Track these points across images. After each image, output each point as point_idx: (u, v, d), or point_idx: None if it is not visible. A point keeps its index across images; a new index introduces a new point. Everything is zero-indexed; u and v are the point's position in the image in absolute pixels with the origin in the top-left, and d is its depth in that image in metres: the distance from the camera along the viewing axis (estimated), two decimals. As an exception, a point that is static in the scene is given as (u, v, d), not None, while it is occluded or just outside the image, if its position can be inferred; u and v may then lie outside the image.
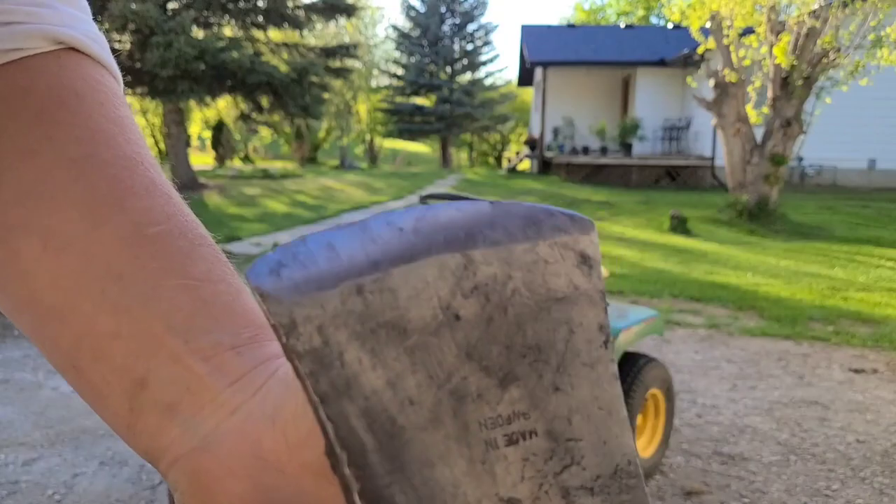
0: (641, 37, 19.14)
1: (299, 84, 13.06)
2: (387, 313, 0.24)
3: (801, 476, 2.74)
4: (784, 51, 9.19)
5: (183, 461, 0.28)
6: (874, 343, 4.55)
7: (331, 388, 0.23)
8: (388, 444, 0.23)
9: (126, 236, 0.30)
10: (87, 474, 2.65)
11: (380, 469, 0.23)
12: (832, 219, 10.61)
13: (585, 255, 0.27)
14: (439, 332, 0.24)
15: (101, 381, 0.29)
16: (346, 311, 0.23)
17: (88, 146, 0.31)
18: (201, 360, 0.29)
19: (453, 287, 0.25)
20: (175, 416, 0.28)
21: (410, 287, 0.24)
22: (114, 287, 0.29)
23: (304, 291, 0.23)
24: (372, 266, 0.24)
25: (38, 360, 3.92)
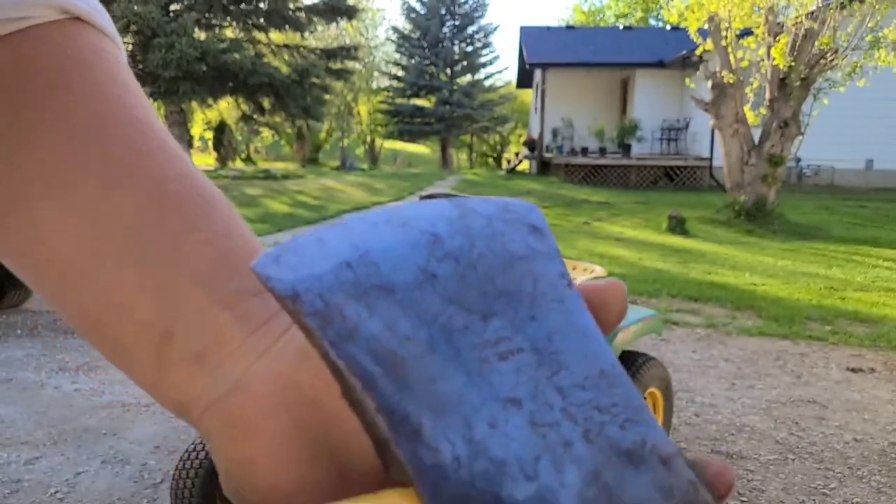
0: (640, 38, 19.17)
1: (300, 85, 13.07)
2: (374, 279, 0.28)
3: (798, 475, 2.76)
4: (782, 52, 9.22)
5: (215, 407, 0.29)
6: (871, 343, 4.57)
7: (337, 337, 0.26)
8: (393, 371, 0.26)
9: (143, 195, 0.31)
10: (90, 473, 2.66)
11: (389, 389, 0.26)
12: (830, 219, 10.63)
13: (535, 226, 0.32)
14: (422, 287, 0.28)
15: (128, 337, 0.30)
16: (340, 281, 0.27)
17: (99, 111, 0.32)
18: (226, 308, 0.30)
19: (427, 255, 0.29)
20: (203, 365, 0.29)
21: (390, 260, 0.29)
22: (135, 244, 0.30)
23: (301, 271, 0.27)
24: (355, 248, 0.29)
25: (41, 360, 3.93)
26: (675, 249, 8.27)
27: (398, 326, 0.27)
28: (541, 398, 0.27)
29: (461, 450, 0.25)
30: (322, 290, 0.27)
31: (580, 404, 0.28)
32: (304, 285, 0.27)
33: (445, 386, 0.27)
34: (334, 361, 0.26)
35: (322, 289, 0.27)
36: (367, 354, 0.26)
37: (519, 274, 0.30)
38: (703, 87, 11.87)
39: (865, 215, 11.06)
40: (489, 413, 0.26)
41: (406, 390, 0.26)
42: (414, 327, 0.27)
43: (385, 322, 0.27)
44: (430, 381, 0.27)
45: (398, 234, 0.30)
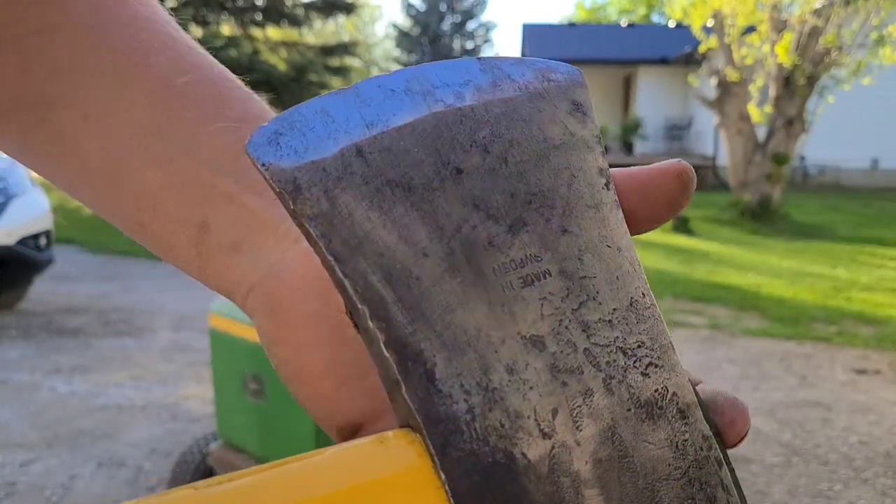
0: (643, 35, 19.13)
1: (298, 82, 13.05)
2: (389, 172, 0.24)
3: (803, 477, 2.73)
4: (786, 49, 9.17)
5: (256, 290, 0.30)
6: (877, 344, 4.53)
7: (344, 248, 0.23)
8: (406, 296, 0.23)
9: (156, 91, 0.31)
10: (85, 476, 2.64)
11: (402, 319, 0.23)
12: (835, 219, 10.58)
13: (577, 102, 0.28)
14: (443, 186, 0.25)
15: (166, 232, 0.31)
16: (349, 173, 0.24)
17: (103, 12, 0.32)
18: (255, 195, 0.30)
19: (451, 142, 0.25)
20: (241, 253, 0.30)
21: (409, 144, 0.25)
22: (155, 142, 0.30)
23: (304, 157, 0.23)
24: (368, 127, 0.24)
25: (35, 361, 3.91)
26: (678, 249, 8.23)
27: (415, 237, 0.24)
28: (564, 336, 0.25)
29: (476, 399, 0.23)
30: (328, 184, 0.23)
31: (605, 345, 0.25)
32: (307, 176, 0.23)
33: (464, 317, 0.24)
34: (340, 279, 0.23)
35: (328, 183, 0.23)
36: (378, 272, 0.23)
37: (555, 169, 0.27)
38: (707, 84, 11.82)
39: (871, 215, 11.01)
40: (509, 353, 0.24)
41: (420, 320, 0.23)
42: (432, 239, 0.24)
43: (400, 231, 0.24)
44: (448, 310, 0.23)
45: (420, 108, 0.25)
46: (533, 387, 0.24)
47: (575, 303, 0.25)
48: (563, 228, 0.26)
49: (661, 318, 0.27)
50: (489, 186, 0.25)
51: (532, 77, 0.28)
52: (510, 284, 0.25)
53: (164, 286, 5.95)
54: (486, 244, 0.25)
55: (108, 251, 7.67)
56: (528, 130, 0.27)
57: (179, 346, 4.24)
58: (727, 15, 9.78)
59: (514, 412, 0.23)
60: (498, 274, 0.25)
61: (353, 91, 0.25)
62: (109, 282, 6.12)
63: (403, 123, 0.25)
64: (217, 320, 1.96)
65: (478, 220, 0.25)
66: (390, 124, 0.25)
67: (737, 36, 9.84)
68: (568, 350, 0.25)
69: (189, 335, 4.45)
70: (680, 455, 0.25)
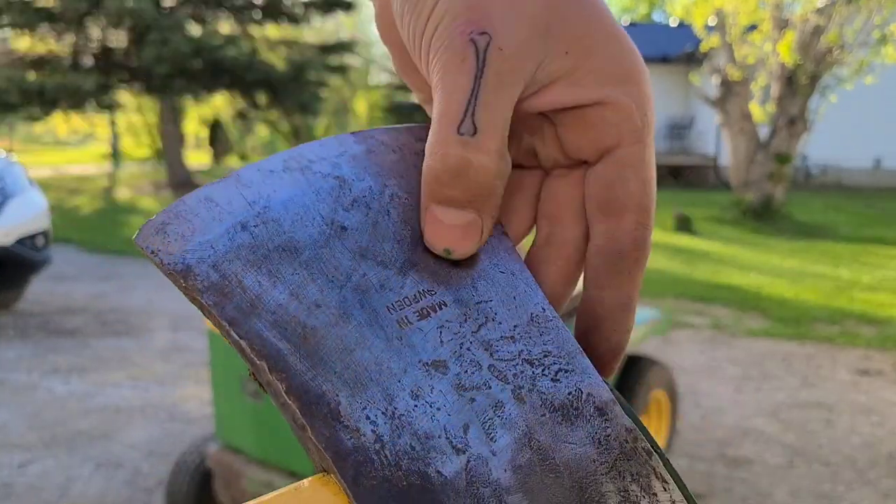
0: (644, 34, 19.08)
1: (297, 81, 13.03)
2: (275, 239, 0.25)
3: (805, 479, 2.71)
4: (789, 48, 9.14)
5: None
6: (880, 344, 4.51)
7: (237, 312, 0.24)
8: (303, 345, 0.24)
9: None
10: (83, 477, 2.62)
11: (300, 367, 0.24)
12: (837, 218, 10.56)
13: None
14: (329, 243, 0.26)
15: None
16: (236, 246, 0.25)
17: None
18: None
19: (333, 205, 0.27)
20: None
21: (292, 214, 0.26)
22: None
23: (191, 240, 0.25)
24: (250, 205, 0.26)
25: (33, 361, 3.90)
26: (680, 249, 8.21)
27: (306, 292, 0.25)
28: (467, 357, 0.25)
29: (383, 428, 0.23)
30: (216, 259, 0.24)
31: (509, 359, 0.26)
32: (196, 256, 0.24)
33: (363, 355, 0.24)
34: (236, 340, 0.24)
35: (216, 258, 0.24)
36: (273, 329, 0.24)
37: None
38: (709, 83, 11.79)
39: (873, 215, 10.99)
40: (412, 381, 0.24)
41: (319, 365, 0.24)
42: (323, 291, 0.25)
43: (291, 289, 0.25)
44: (346, 352, 0.24)
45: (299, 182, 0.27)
46: (440, 407, 0.24)
47: (474, 326, 0.26)
48: (452, 263, 0.27)
49: (566, 328, 0.27)
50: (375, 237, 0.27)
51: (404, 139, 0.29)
52: (406, 319, 0.25)
53: (162, 286, 5.94)
54: (378, 287, 0.26)
55: (106, 251, 7.66)
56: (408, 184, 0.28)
57: (177, 347, 4.22)
58: (729, 13, 9.75)
59: (423, 434, 0.24)
60: (393, 311, 0.25)
61: (233, 177, 0.27)
62: (107, 282, 6.10)
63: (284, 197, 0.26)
64: (214, 321, 1.95)
65: (367, 268, 0.26)
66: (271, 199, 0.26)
67: (739, 34, 9.81)
68: (472, 369, 0.25)
69: (187, 335, 4.43)
70: (604, 450, 0.25)
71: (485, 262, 0.28)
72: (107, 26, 11.93)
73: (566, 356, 0.27)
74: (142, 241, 0.25)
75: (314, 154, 0.28)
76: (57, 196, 12.06)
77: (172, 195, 12.41)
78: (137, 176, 16.50)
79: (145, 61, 11.54)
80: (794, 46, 9.18)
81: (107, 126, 23.03)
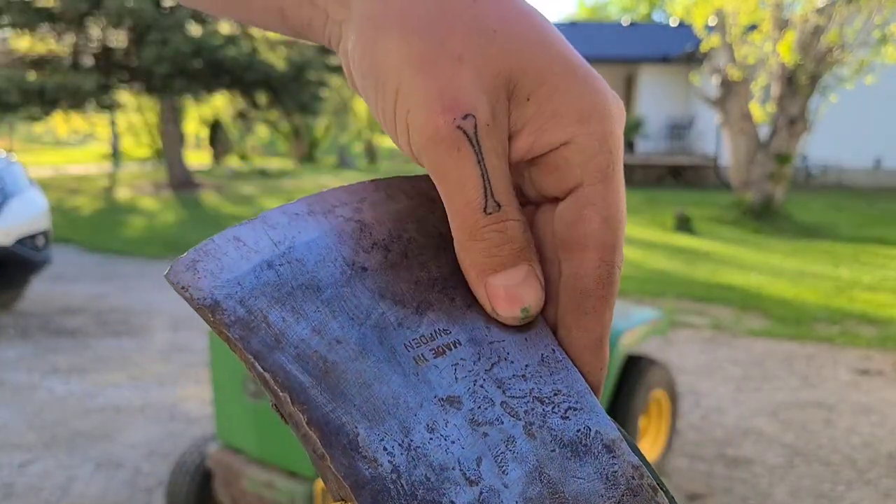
0: (644, 34, 19.08)
1: (297, 81, 13.02)
2: (299, 278, 0.27)
3: (805, 479, 2.71)
4: (789, 48, 9.14)
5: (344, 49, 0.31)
6: (880, 344, 4.50)
7: (262, 346, 0.25)
8: (325, 379, 0.25)
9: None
10: (83, 477, 2.62)
11: (321, 399, 0.25)
12: (837, 218, 10.55)
13: None
14: (350, 282, 0.27)
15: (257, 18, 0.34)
16: (262, 284, 0.26)
17: None
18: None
19: (354, 247, 0.28)
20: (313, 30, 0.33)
21: (315, 254, 0.27)
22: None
23: (220, 277, 0.26)
24: (276, 245, 0.27)
25: (33, 361, 3.90)
26: (680, 249, 8.21)
27: (328, 329, 0.26)
28: (480, 393, 0.27)
29: (400, 459, 0.24)
30: (243, 295, 0.26)
31: (521, 396, 0.27)
32: (224, 292, 0.25)
33: (381, 390, 0.25)
34: (261, 373, 0.25)
35: (243, 294, 0.26)
36: (295, 363, 0.25)
37: (453, 256, 0.29)
38: (709, 83, 11.79)
39: (873, 215, 10.98)
40: (427, 415, 0.26)
41: (339, 398, 0.25)
42: (344, 328, 0.26)
43: (313, 325, 0.26)
44: (365, 386, 0.25)
45: (322, 225, 0.28)
46: (455, 441, 0.25)
47: (487, 364, 0.27)
48: (467, 304, 0.28)
49: (575, 369, 0.28)
50: (393, 278, 0.28)
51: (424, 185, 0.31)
52: (422, 356, 0.27)
53: (163, 286, 5.94)
54: (396, 325, 0.27)
55: (106, 251, 7.66)
56: (424, 229, 0.30)
57: (178, 347, 4.22)
58: (729, 13, 9.75)
59: (438, 466, 0.25)
60: (410, 349, 0.27)
61: (260, 219, 0.28)
62: (107, 282, 6.10)
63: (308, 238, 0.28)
64: (214, 321, 1.95)
65: (386, 307, 0.27)
66: (296, 240, 0.28)
67: (739, 34, 9.81)
68: (485, 405, 0.26)
69: (187, 335, 4.43)
70: (612, 485, 0.26)
71: None
72: (107, 26, 11.92)
73: (575, 395, 0.28)
74: (173, 277, 0.26)
75: (337, 199, 0.29)
76: (57, 196, 12.05)
77: (172, 195, 12.41)
78: (137, 176, 16.49)
79: (145, 61, 11.52)
80: (794, 46, 9.18)
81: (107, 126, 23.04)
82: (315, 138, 26.64)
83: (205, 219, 10.16)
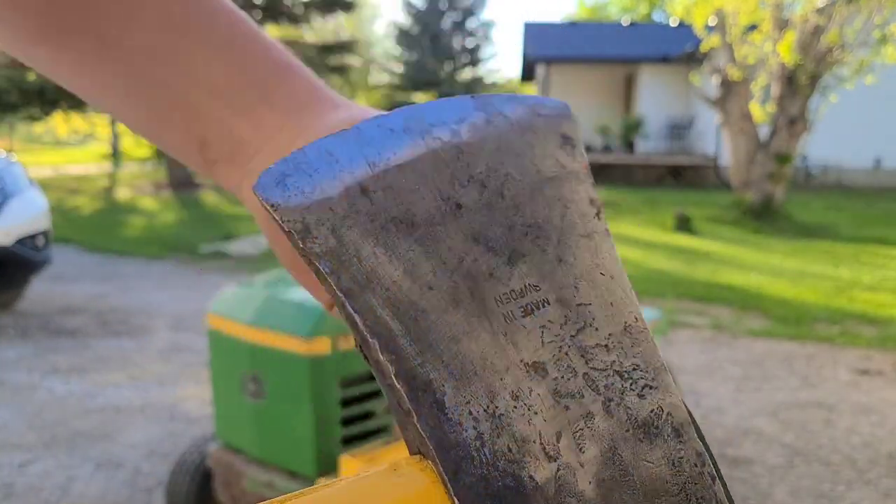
0: (644, 34, 19.07)
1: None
2: (392, 209, 0.25)
3: (805, 479, 2.71)
4: (789, 48, 9.13)
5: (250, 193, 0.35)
6: (880, 344, 4.50)
7: (353, 284, 0.24)
8: (414, 328, 0.24)
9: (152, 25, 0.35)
10: (83, 477, 2.62)
11: (410, 351, 0.24)
12: (837, 218, 10.55)
13: (567, 136, 0.29)
14: (444, 221, 0.26)
15: (178, 144, 0.37)
16: (355, 211, 0.25)
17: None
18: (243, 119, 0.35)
19: (450, 178, 0.27)
20: (235, 164, 0.36)
21: (410, 182, 0.26)
22: (157, 67, 0.35)
23: (311, 197, 0.25)
24: (371, 166, 0.26)
25: (33, 361, 3.90)
26: (680, 249, 8.20)
27: (419, 272, 0.25)
28: (564, 362, 0.26)
29: (484, 426, 0.24)
30: (335, 223, 0.24)
31: (603, 368, 0.27)
32: (315, 216, 0.24)
33: (470, 346, 0.25)
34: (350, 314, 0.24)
35: (335, 222, 0.24)
36: (386, 307, 0.24)
37: (548, 200, 0.28)
38: (709, 83, 11.79)
39: (873, 214, 10.98)
40: (513, 380, 0.25)
41: (428, 351, 0.24)
42: (436, 273, 0.25)
43: (405, 266, 0.25)
44: (454, 341, 0.25)
45: (419, 147, 0.27)
46: (537, 412, 0.25)
47: (573, 329, 0.27)
48: (558, 258, 0.27)
49: (654, 341, 0.28)
50: (487, 220, 0.27)
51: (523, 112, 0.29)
52: (511, 314, 0.26)
53: (163, 286, 5.94)
54: (487, 276, 0.26)
55: (106, 251, 7.66)
56: (522, 164, 0.28)
57: (178, 347, 4.22)
58: (729, 13, 9.75)
59: (520, 437, 0.24)
60: (500, 304, 0.26)
61: (354, 131, 0.26)
62: (107, 282, 6.10)
63: (404, 161, 0.26)
64: (215, 320, 1.94)
65: (478, 253, 0.26)
66: (391, 163, 0.26)
67: (739, 34, 9.81)
68: (568, 375, 0.26)
69: (187, 336, 4.43)
70: (676, 472, 0.26)
71: (588, 262, 0.28)
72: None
73: (653, 371, 0.27)
74: (261, 190, 0.24)
75: (434, 117, 0.28)
76: (57, 196, 12.04)
77: (172, 195, 12.41)
78: (137, 176, 16.49)
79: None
80: (794, 46, 9.18)
81: (107, 126, 23.03)
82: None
83: (205, 219, 10.16)
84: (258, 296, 1.90)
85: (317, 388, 1.74)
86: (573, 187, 0.29)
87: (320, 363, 1.74)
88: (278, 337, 1.77)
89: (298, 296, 1.86)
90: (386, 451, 1.75)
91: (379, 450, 1.77)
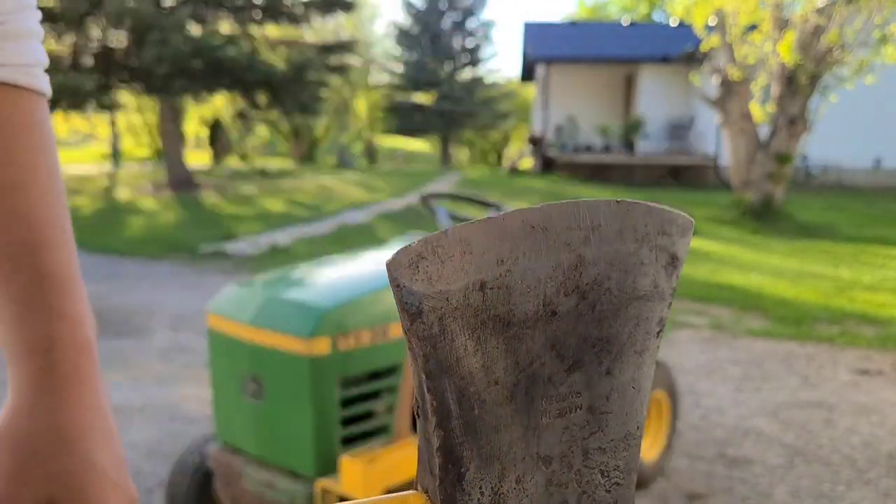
0: (644, 34, 19.06)
1: (297, 81, 13.01)
2: (499, 308, 0.27)
3: (805, 479, 2.71)
4: (789, 48, 9.13)
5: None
6: (880, 344, 4.50)
7: (436, 367, 0.27)
8: (468, 414, 0.27)
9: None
10: (82, 477, 2.62)
11: (458, 432, 0.27)
12: (837, 218, 10.55)
13: (675, 258, 0.31)
14: (536, 325, 0.28)
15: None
16: (466, 305, 0.27)
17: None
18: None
19: (558, 287, 0.28)
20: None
21: (525, 285, 0.27)
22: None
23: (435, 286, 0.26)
24: (498, 264, 0.27)
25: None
26: (679, 248, 8.19)
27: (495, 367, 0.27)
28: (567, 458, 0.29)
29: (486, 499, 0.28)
30: (445, 312, 0.26)
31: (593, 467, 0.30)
32: (431, 304, 0.26)
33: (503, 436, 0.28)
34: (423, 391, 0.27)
35: (446, 310, 0.26)
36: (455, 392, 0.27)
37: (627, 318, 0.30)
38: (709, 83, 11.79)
39: (873, 214, 10.98)
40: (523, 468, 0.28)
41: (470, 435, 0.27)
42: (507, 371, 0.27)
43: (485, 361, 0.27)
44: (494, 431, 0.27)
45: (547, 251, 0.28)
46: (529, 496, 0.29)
47: (587, 433, 0.30)
48: (607, 370, 0.30)
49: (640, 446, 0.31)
50: (570, 329, 0.29)
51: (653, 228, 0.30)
52: (548, 413, 0.29)
53: (163, 286, 5.94)
54: (546, 379, 0.28)
55: (106, 251, 7.65)
56: (625, 281, 0.30)
57: (178, 347, 4.22)
58: (729, 13, 9.75)
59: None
60: (543, 403, 0.29)
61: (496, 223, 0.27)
62: (107, 282, 6.10)
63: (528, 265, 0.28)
64: (216, 321, 1.94)
65: (548, 359, 0.28)
66: (518, 264, 0.27)
67: (739, 34, 9.81)
68: (565, 469, 0.29)
69: (187, 336, 4.43)
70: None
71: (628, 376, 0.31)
72: (107, 26, 11.92)
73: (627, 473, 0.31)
74: (393, 269, 0.26)
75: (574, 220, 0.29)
76: (57, 196, 11.99)
77: (172, 195, 12.40)
78: (137, 176, 16.48)
79: (145, 61, 11.51)
80: (794, 46, 9.17)
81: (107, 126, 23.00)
82: (315, 138, 26.59)
83: (205, 219, 10.16)
84: (258, 296, 1.89)
85: (317, 389, 1.74)
86: (653, 307, 0.30)
87: (320, 363, 1.74)
88: (278, 337, 1.77)
89: (298, 296, 1.86)
90: (386, 452, 1.75)
91: (379, 450, 1.77)
